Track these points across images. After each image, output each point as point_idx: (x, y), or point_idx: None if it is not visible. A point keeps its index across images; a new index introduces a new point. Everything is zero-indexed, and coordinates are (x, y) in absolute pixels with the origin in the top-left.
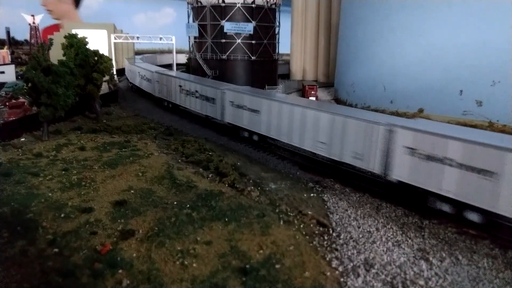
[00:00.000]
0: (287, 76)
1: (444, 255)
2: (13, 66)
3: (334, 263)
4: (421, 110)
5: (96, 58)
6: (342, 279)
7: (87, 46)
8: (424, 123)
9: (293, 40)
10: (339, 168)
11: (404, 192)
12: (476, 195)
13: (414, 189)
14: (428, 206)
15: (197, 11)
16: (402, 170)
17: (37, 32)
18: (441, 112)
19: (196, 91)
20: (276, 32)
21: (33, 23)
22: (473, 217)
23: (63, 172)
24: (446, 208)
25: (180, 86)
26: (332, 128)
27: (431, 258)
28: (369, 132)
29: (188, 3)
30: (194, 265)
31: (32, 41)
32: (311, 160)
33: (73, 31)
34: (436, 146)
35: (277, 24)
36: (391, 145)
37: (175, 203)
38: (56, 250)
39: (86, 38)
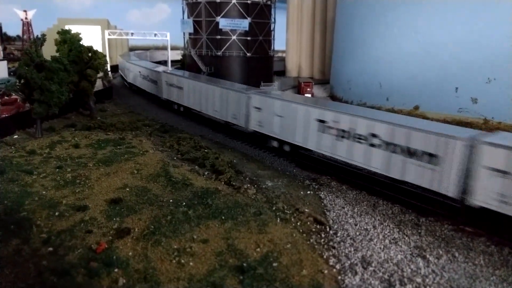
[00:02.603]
0: (282, 72)
1: (441, 252)
2: (5, 62)
3: (332, 261)
4: (416, 107)
5: (90, 54)
6: (339, 277)
7: (81, 42)
8: (270, 91)
9: (289, 37)
10: (335, 165)
11: (256, 138)
12: (285, 133)
13: (260, 135)
14: (266, 145)
15: (192, 7)
16: (255, 123)
17: (30, 28)
18: (436, 109)
19: (148, 76)
20: (271, 29)
21: (26, 18)
22: (287, 148)
23: (57, 169)
24: (275, 144)
25: (140, 72)
26: (221, 98)
27: (428, 256)
28: (239, 99)
29: None
30: (191, 263)
31: (25, 36)
32: (307, 157)
33: (67, 27)
34: (269, 105)
35: (273, 20)
36: (248, 107)
37: (171, 201)
38: (50, 249)
39: (80, 34)
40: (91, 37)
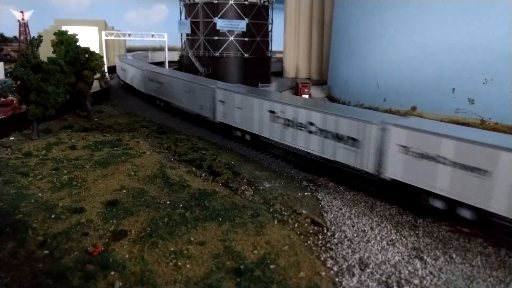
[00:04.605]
0: (280, 73)
1: (438, 253)
2: (1, 63)
3: (329, 262)
4: (414, 108)
5: (86, 55)
6: (337, 279)
7: (78, 43)
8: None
9: (286, 37)
10: (333, 166)
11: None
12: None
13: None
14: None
15: (190, 8)
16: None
17: (27, 29)
18: (433, 110)
19: (131, 74)
20: (269, 29)
21: (22, 19)
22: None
23: (54, 171)
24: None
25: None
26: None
27: (425, 257)
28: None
29: (180, 0)
30: (188, 266)
31: (22, 38)
32: (304, 158)
33: (64, 28)
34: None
35: (270, 21)
36: (193, 89)
37: (168, 202)
38: (46, 252)
39: (77, 35)
40: (88, 38)
